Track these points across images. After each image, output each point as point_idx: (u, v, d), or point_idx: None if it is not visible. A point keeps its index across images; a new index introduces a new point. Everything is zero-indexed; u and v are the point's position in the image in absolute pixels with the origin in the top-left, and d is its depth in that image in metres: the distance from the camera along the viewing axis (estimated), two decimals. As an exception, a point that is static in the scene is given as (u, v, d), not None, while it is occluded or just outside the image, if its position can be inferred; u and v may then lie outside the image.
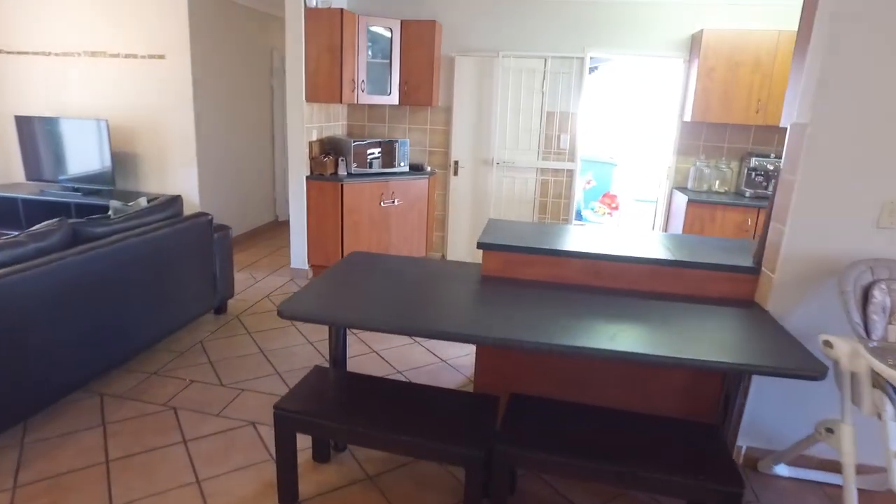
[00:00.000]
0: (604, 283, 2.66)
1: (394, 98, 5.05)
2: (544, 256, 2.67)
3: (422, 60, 5.04)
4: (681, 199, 4.90)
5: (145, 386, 3.02)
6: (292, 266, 4.92)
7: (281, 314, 2.07)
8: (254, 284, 4.71)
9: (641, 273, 2.62)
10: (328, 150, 5.02)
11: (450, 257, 5.68)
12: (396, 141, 5.02)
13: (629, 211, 7.16)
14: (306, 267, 4.90)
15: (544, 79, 5.16)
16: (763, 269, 2.52)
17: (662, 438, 2.00)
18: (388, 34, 4.90)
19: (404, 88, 5.09)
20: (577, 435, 2.00)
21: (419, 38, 4.99)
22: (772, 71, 4.59)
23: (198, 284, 3.61)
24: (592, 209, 7.08)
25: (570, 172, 5.37)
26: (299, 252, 4.88)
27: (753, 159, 4.83)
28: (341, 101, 4.58)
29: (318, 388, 2.22)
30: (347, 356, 3.26)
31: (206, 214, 3.67)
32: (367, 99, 4.83)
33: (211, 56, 5.18)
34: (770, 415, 2.54)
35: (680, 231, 4.77)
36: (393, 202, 5.01)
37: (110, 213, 3.39)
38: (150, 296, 3.16)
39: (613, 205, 7.07)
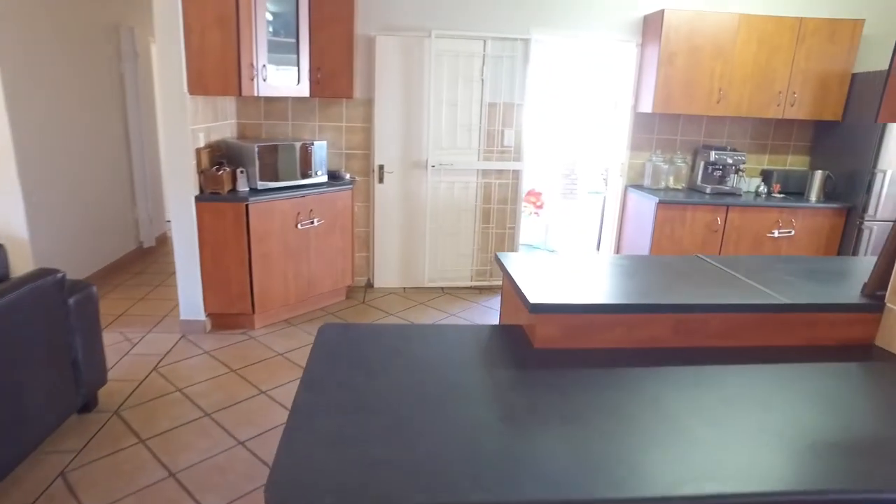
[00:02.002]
0: (692, 341, 1.94)
1: (303, 88, 3.93)
2: (625, 315, 1.88)
3: (337, 40, 3.97)
4: (640, 199, 4.40)
5: (-29, 593, 1.74)
6: (183, 318, 3.63)
7: (281, 516, 1.05)
8: (130, 351, 3.37)
9: (739, 324, 1.94)
10: (220, 160, 3.77)
11: (378, 283, 4.70)
12: (311, 143, 3.92)
13: (556, 209, 6.67)
14: (202, 317, 3.64)
15: (484, 64, 4.36)
16: (889, 304, 1.96)
17: None
18: (292, 4, 3.76)
19: (316, 76, 3.99)
20: None
21: (333, 12, 3.91)
22: (732, 57, 4.22)
23: (48, 382, 2.31)
24: (517, 209, 6.46)
25: (517, 174, 4.64)
26: (191, 298, 3.60)
27: (713, 153, 4.46)
28: (240, 93, 3.38)
29: None
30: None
31: (53, 272, 2.36)
32: (269, 90, 3.67)
33: (21, 30, 3.65)
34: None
35: (649, 234, 4.27)
36: (312, 222, 3.91)
37: None
38: (-35, 429, 1.85)
39: (538, 203, 6.52)
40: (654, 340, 1.93)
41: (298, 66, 3.86)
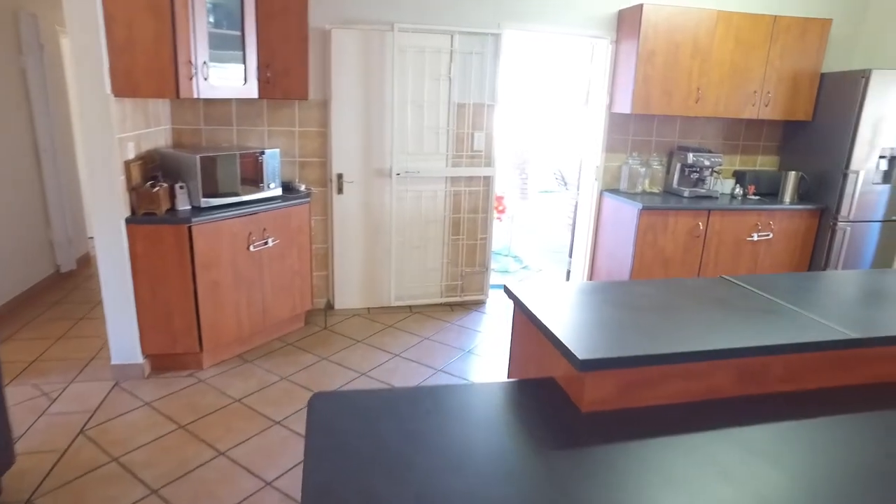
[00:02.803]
0: (754, 387, 1.66)
1: (251, 89, 3.42)
2: (684, 365, 1.57)
3: (289, 33, 3.48)
4: (618, 205, 4.16)
5: None
6: (115, 362, 3.06)
7: None
8: (48, 410, 2.77)
9: (804, 365, 1.68)
10: (155, 174, 3.21)
11: (339, 305, 4.24)
12: (262, 152, 3.42)
13: (518, 212, 6.40)
14: (140, 360, 3.08)
15: (451, 61, 3.98)
16: (961, 336, 1.74)
17: None
18: (235, -8, 3.25)
19: (265, 75, 3.48)
20: None
21: (284, 0, 3.42)
22: (710, 55, 4.04)
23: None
24: (479, 215, 6.13)
25: (488, 180, 4.30)
26: (125, 337, 3.04)
27: (690, 155, 4.29)
28: (178, 95, 2.85)
29: None
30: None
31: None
32: (212, 91, 3.14)
33: None
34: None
35: (631, 242, 4.03)
36: (266, 243, 3.42)
37: None
38: None
39: (500, 207, 6.22)
40: (714, 391, 1.63)
41: (244, 63, 3.35)
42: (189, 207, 3.13)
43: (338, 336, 3.80)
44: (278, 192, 3.56)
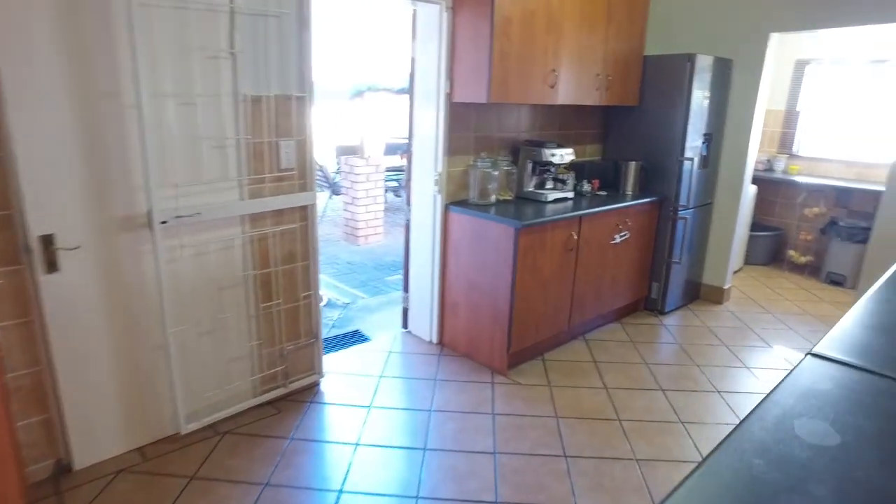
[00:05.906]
0: None
1: None
2: None
3: None
4: (478, 224, 3.20)
5: None
6: None
7: None
8: None
9: None
10: None
11: (84, 461, 2.38)
12: None
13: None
14: None
15: (233, 26, 2.43)
16: None
17: None
18: None
19: None
20: None
21: None
22: (562, 32, 3.33)
23: None
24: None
25: (306, 211, 2.89)
26: None
27: (546, 151, 3.56)
28: None
29: None
30: None
31: None
32: None
33: None
34: None
35: (509, 270, 3.12)
36: None
37: None
38: None
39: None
40: None
41: None
42: None
43: (99, 539, 2.03)
44: None
